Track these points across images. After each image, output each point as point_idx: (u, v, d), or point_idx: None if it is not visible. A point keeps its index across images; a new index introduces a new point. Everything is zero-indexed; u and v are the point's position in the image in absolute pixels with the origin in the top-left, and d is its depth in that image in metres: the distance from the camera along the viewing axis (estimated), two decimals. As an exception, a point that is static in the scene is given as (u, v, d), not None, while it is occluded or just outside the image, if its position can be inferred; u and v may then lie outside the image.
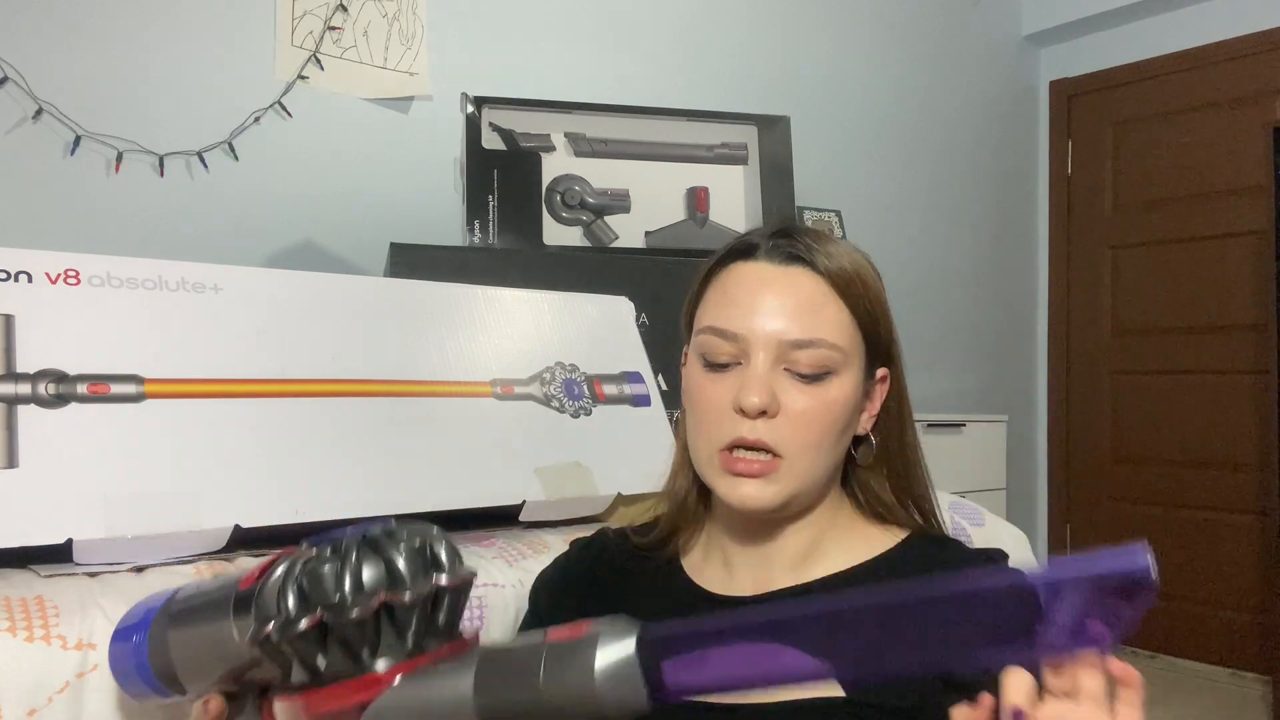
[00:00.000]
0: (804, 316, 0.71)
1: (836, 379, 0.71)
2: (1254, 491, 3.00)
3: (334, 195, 1.85)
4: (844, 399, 0.71)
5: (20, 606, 0.68)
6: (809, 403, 0.70)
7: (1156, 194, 3.28)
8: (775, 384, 0.70)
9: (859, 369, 0.73)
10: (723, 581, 0.76)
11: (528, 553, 0.94)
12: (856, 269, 0.74)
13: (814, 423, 0.70)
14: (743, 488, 0.70)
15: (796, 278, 0.72)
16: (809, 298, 0.72)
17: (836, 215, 2.67)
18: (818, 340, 0.70)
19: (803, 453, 0.70)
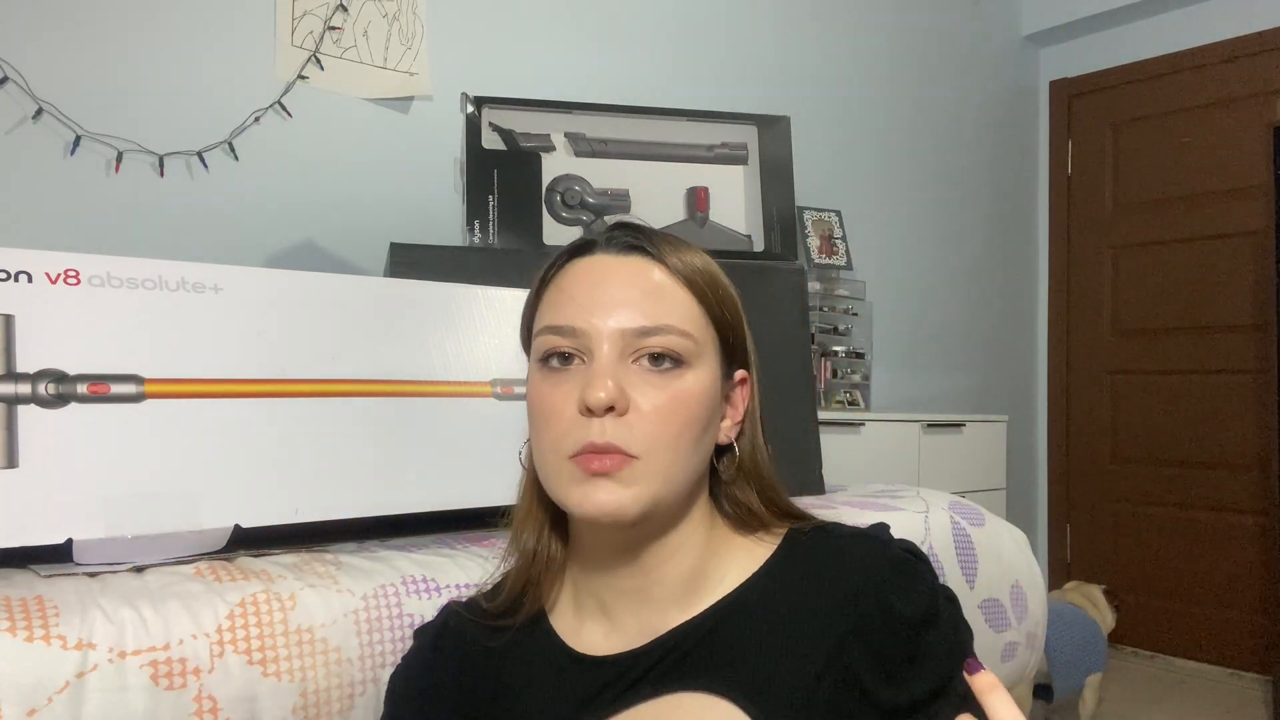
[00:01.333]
0: (647, 303, 0.65)
1: (690, 371, 0.65)
2: (1254, 491, 3.01)
3: (334, 195, 1.85)
4: (699, 392, 0.65)
5: (20, 606, 0.68)
6: (660, 396, 0.63)
7: (1156, 194, 3.29)
8: (624, 380, 0.63)
9: (714, 365, 0.67)
10: (604, 637, 0.68)
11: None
12: (704, 264, 0.69)
13: (668, 417, 0.63)
14: (598, 494, 0.62)
15: (638, 266, 0.67)
16: (654, 285, 0.66)
17: (836, 215, 2.67)
18: (665, 326, 0.64)
19: (658, 451, 0.63)
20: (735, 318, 0.70)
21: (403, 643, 0.82)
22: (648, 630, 0.66)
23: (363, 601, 0.81)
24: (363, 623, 0.80)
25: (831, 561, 0.66)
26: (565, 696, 0.66)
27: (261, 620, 0.75)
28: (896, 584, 0.63)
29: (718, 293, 0.68)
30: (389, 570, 0.85)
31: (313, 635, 0.77)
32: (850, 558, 0.65)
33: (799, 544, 0.68)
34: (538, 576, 0.70)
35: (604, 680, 0.65)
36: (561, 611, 0.71)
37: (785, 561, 0.67)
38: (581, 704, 0.65)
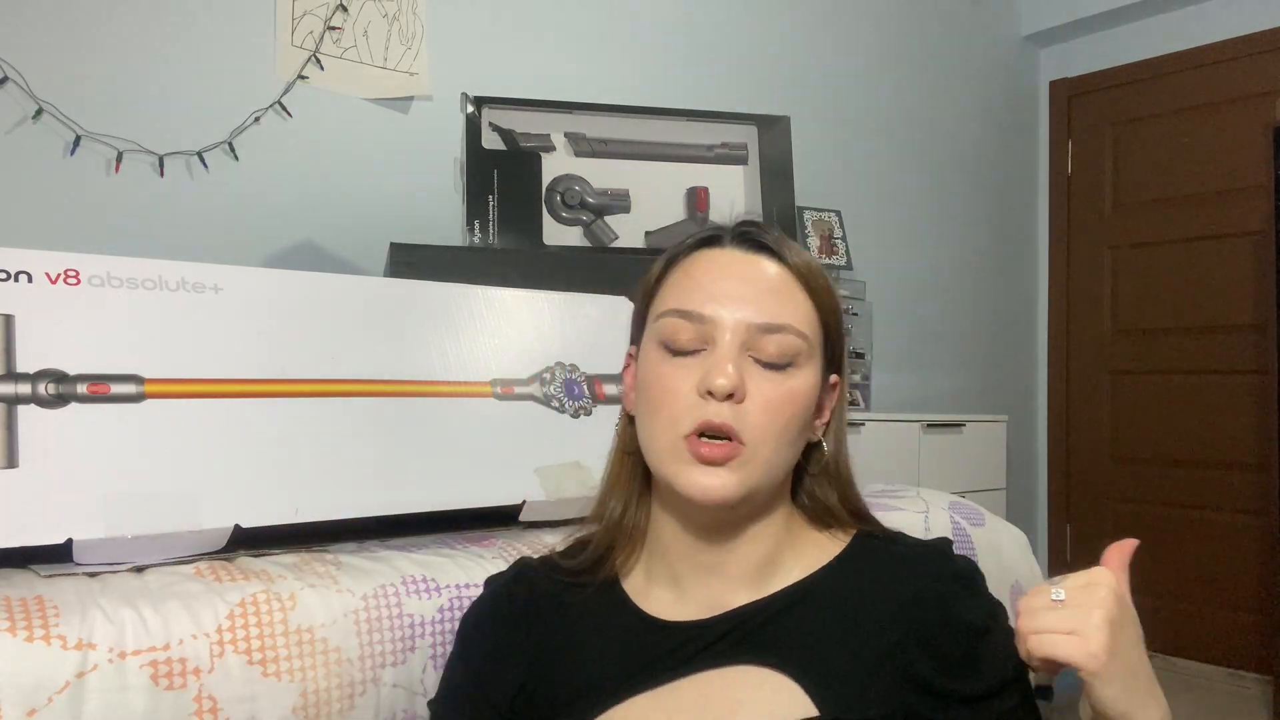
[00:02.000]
0: (771, 302, 0.69)
1: (800, 370, 0.69)
2: (1254, 491, 3.00)
3: (334, 195, 1.85)
4: (805, 391, 0.69)
5: (20, 606, 0.68)
6: (774, 391, 0.67)
7: (1156, 194, 3.28)
8: (743, 370, 0.67)
9: (819, 366, 0.71)
10: (671, 605, 0.72)
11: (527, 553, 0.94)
12: (819, 269, 0.73)
13: (779, 411, 0.67)
14: (705, 478, 0.66)
15: (764, 265, 0.71)
16: (777, 284, 0.70)
17: (836, 215, 2.67)
18: (784, 325, 0.68)
19: (765, 442, 0.67)
20: (837, 320, 0.73)
21: (403, 642, 0.82)
22: (716, 604, 0.70)
23: (363, 601, 0.81)
24: (363, 623, 0.80)
25: (898, 566, 0.70)
26: (632, 655, 0.70)
27: (261, 620, 0.75)
28: (958, 593, 0.68)
29: (830, 299, 0.72)
30: (389, 570, 0.85)
31: (313, 635, 0.77)
32: (916, 565, 0.70)
33: (868, 546, 0.73)
34: (620, 542, 0.75)
35: (671, 645, 0.69)
36: (633, 576, 0.75)
37: (855, 560, 0.72)
38: (647, 663, 0.69)
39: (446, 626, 0.84)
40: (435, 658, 0.83)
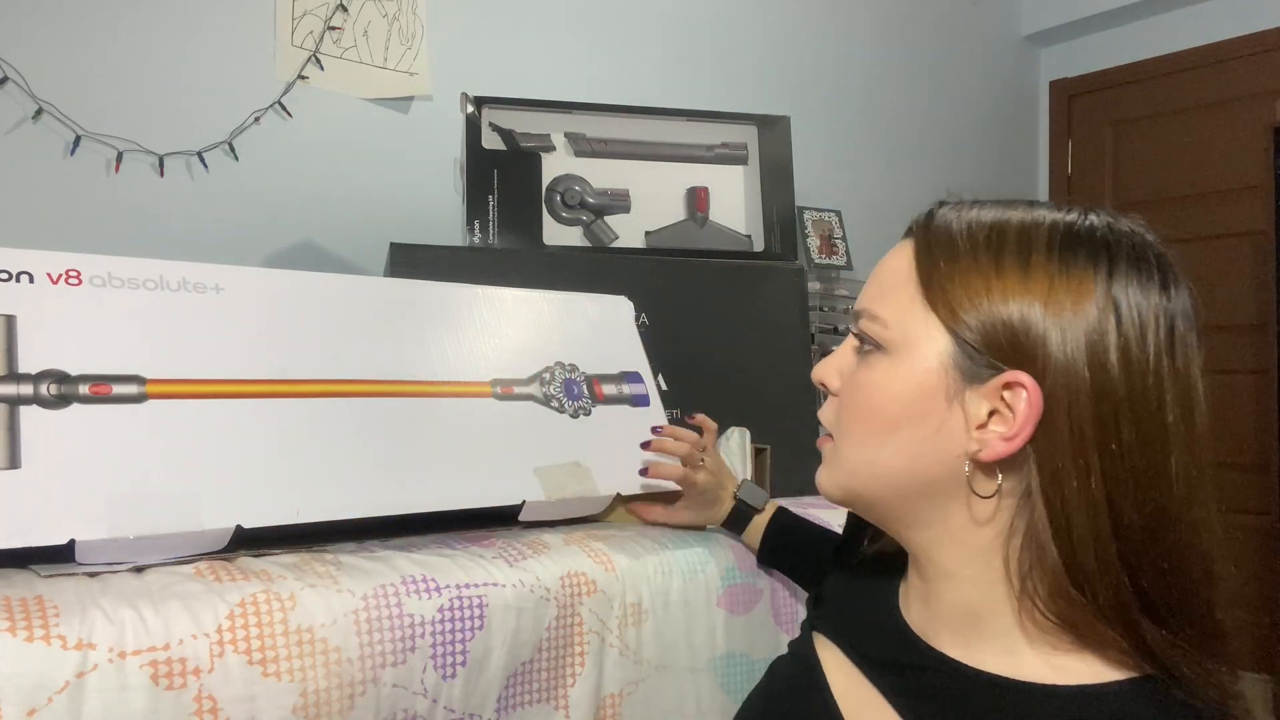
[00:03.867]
0: (873, 285, 0.63)
1: (885, 359, 0.59)
2: (1254, 491, 3.00)
3: (334, 195, 1.85)
4: (888, 383, 0.58)
5: (20, 606, 0.68)
6: (852, 378, 0.62)
7: (1156, 194, 3.29)
8: (846, 354, 0.64)
9: (930, 355, 0.57)
10: (917, 610, 0.64)
11: (527, 553, 0.94)
12: (963, 230, 0.58)
13: (849, 400, 0.61)
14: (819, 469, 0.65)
15: (896, 248, 0.64)
16: (890, 267, 0.62)
17: (836, 215, 2.67)
18: (865, 310, 0.62)
19: (843, 435, 0.61)
20: (990, 296, 0.55)
21: (403, 642, 0.82)
22: (928, 634, 0.61)
23: (363, 601, 0.81)
24: (363, 623, 0.80)
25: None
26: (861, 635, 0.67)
27: (261, 620, 0.75)
28: None
29: (955, 263, 0.57)
30: (389, 570, 0.85)
31: (313, 635, 0.77)
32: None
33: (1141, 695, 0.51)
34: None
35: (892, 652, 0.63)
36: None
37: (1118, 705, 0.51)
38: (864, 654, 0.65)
39: (446, 626, 0.84)
40: (435, 658, 0.83)
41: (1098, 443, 0.52)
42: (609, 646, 0.94)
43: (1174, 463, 0.52)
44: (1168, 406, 0.52)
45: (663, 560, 1.02)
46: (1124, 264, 0.57)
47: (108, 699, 0.67)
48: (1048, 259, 0.55)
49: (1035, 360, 0.53)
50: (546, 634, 0.91)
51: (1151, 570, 0.51)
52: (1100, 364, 0.52)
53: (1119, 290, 0.55)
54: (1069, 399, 0.52)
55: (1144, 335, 0.54)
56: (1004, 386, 0.54)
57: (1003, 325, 0.54)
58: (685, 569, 1.03)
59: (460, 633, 0.85)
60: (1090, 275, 0.55)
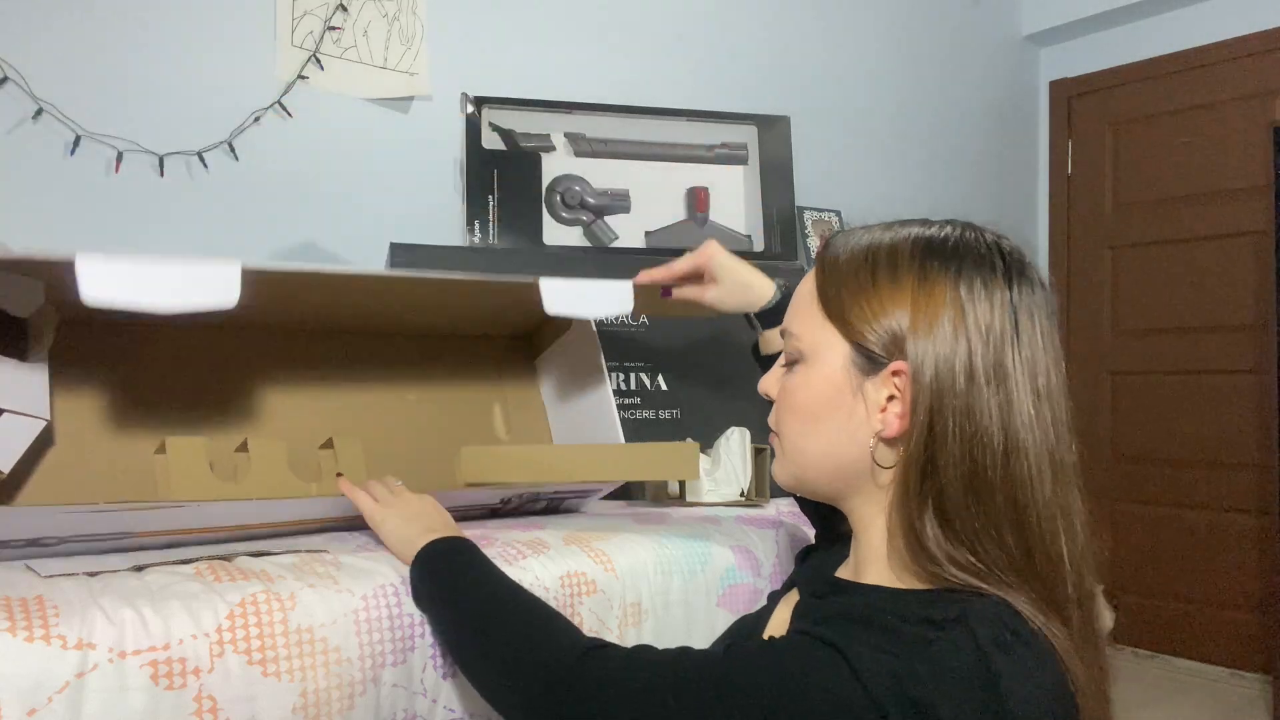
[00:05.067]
0: (791, 309, 0.78)
1: (803, 368, 0.74)
2: (1254, 491, 3.00)
3: (334, 195, 1.85)
4: (807, 388, 0.73)
5: (20, 606, 0.68)
6: (782, 389, 0.76)
7: (1156, 194, 3.29)
8: (782, 371, 0.78)
9: (834, 358, 0.71)
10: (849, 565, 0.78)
11: (527, 552, 0.94)
12: (848, 251, 0.74)
13: (783, 407, 0.76)
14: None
15: (807, 277, 0.77)
16: (801, 292, 0.77)
17: (836, 215, 2.67)
18: (785, 329, 0.77)
19: (783, 434, 0.76)
20: (867, 302, 0.69)
21: (403, 642, 0.82)
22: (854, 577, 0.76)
23: (363, 601, 0.81)
24: (363, 623, 0.80)
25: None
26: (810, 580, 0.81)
27: (261, 620, 0.75)
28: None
29: (842, 279, 0.72)
30: (389, 570, 0.86)
31: (313, 635, 0.77)
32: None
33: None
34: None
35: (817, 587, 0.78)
36: None
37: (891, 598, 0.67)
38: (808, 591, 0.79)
39: (446, 626, 0.84)
40: (435, 657, 0.83)
41: (959, 414, 0.65)
42: (609, 646, 0.94)
43: (1022, 434, 0.66)
44: (1013, 386, 0.66)
45: (663, 560, 1.02)
46: (970, 267, 0.68)
47: (108, 699, 0.67)
48: (909, 269, 0.69)
49: (909, 351, 0.67)
50: (546, 634, 0.91)
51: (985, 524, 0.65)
52: (955, 351, 0.66)
53: (964, 289, 0.67)
54: (930, 381, 0.66)
55: (989, 326, 0.66)
56: (892, 374, 0.68)
57: (883, 327, 0.68)
58: (685, 569, 1.03)
59: (460, 633, 0.85)
60: (943, 278, 0.68)
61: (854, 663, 0.58)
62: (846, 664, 0.58)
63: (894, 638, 0.59)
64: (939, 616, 0.60)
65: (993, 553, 0.64)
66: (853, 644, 0.59)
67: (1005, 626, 0.60)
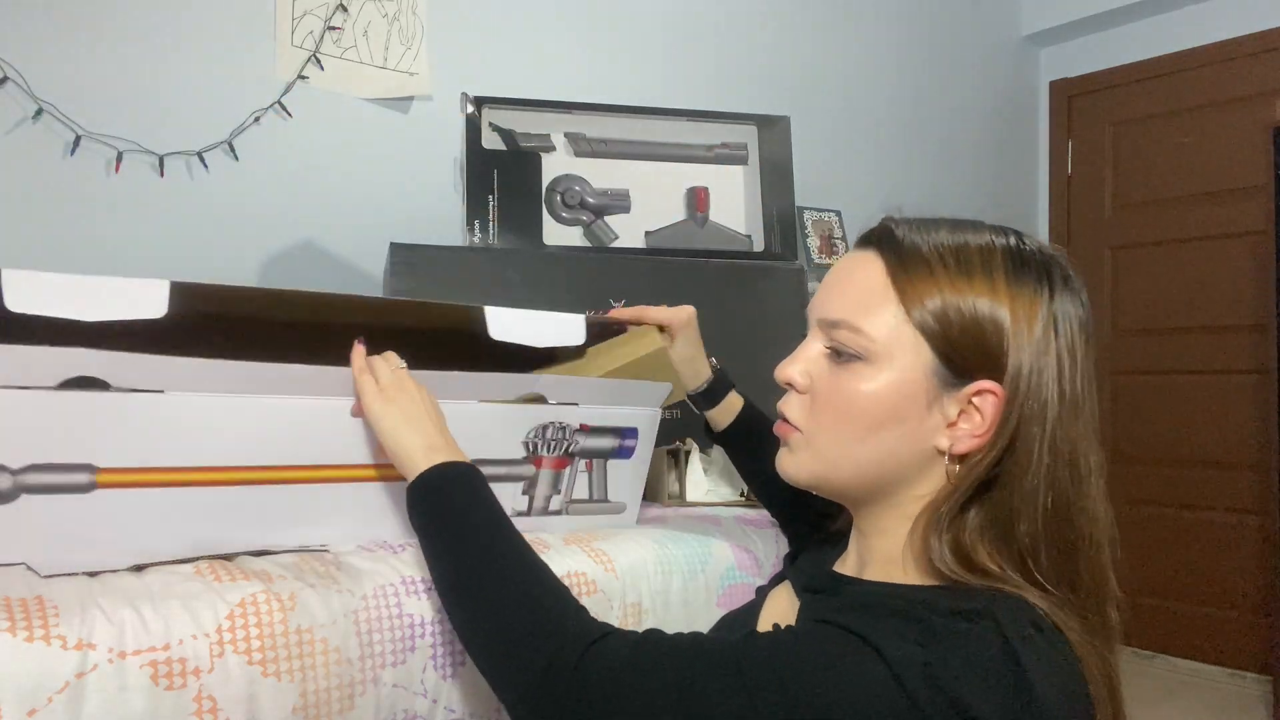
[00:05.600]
0: (843, 296, 0.69)
1: (868, 368, 0.66)
2: (1254, 491, 3.00)
3: (334, 195, 1.85)
4: (872, 391, 0.66)
5: (20, 606, 0.68)
6: (828, 384, 0.69)
7: (1156, 194, 3.29)
8: (814, 356, 0.71)
9: (913, 367, 0.66)
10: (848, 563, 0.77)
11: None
12: (934, 250, 0.67)
13: (827, 404, 0.68)
14: (778, 455, 0.74)
15: (862, 260, 0.70)
16: (859, 279, 0.69)
17: (836, 215, 2.67)
18: (843, 321, 0.68)
19: (818, 432, 0.69)
20: (966, 315, 0.64)
21: (403, 642, 0.82)
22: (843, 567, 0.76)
23: (363, 601, 0.81)
24: (363, 623, 0.80)
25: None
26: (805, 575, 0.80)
27: (261, 620, 0.75)
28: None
29: (933, 281, 0.65)
30: (389, 570, 0.85)
31: (313, 635, 0.77)
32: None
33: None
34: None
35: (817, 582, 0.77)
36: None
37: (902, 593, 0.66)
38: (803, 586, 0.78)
39: (446, 626, 0.84)
40: (435, 658, 0.83)
41: (1047, 438, 0.64)
42: (609, 646, 0.94)
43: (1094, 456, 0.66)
44: (1090, 408, 0.66)
45: (663, 560, 1.02)
46: (1058, 284, 0.67)
47: (107, 699, 0.67)
48: (1006, 280, 0.65)
49: (1002, 370, 0.64)
50: (546, 634, 0.91)
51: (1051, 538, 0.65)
52: (1048, 373, 0.64)
53: (1057, 306, 0.66)
54: (1023, 402, 0.64)
55: (1074, 344, 0.66)
56: (975, 392, 0.65)
57: (976, 340, 0.64)
58: (685, 569, 1.03)
59: (460, 633, 0.85)
60: (1038, 295, 0.66)
61: (885, 652, 0.57)
62: (877, 653, 0.57)
63: (923, 628, 0.58)
64: (967, 608, 0.60)
65: (1046, 564, 0.64)
66: (882, 634, 0.58)
67: (1028, 620, 0.60)
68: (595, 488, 1.10)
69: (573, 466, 1.07)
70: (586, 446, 1.07)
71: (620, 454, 1.10)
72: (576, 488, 1.08)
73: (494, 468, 0.99)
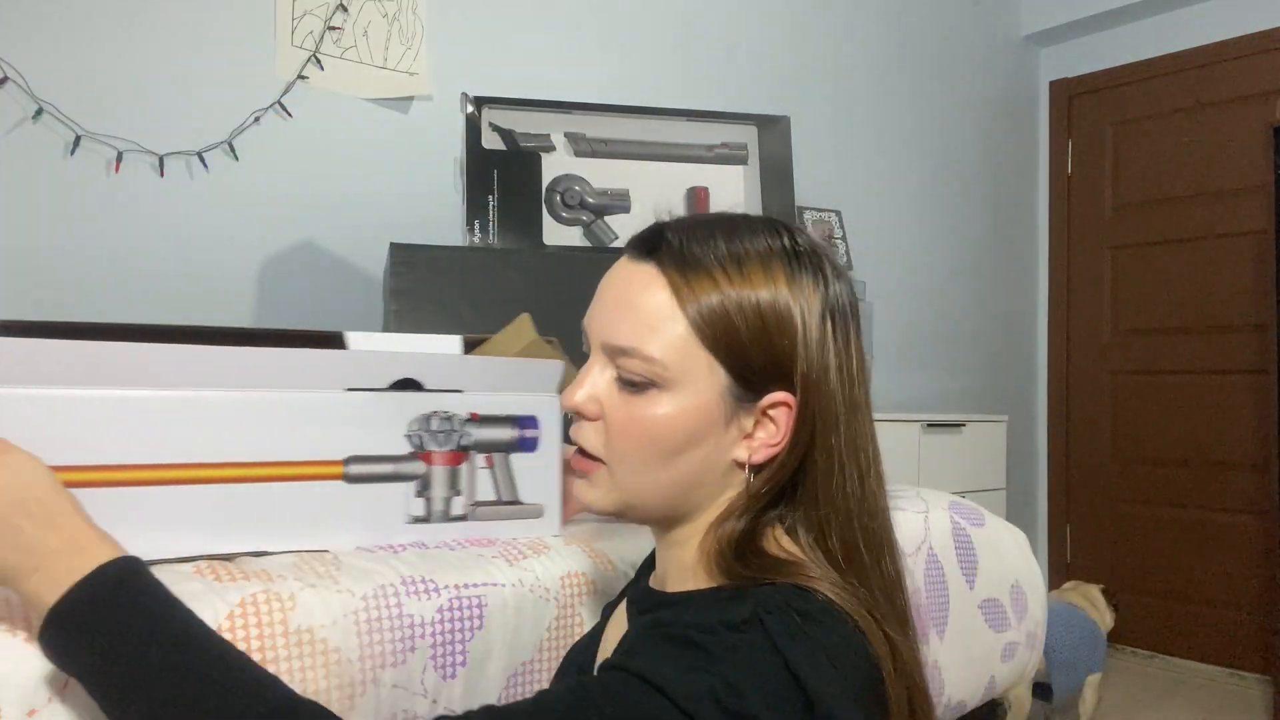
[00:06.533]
0: (628, 322, 0.64)
1: (664, 395, 0.64)
2: (1254, 491, 3.01)
3: (334, 195, 1.85)
4: (670, 418, 0.64)
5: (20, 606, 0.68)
6: (625, 414, 0.65)
7: (1156, 194, 3.29)
8: (602, 384, 0.66)
9: (707, 389, 0.64)
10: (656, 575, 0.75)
11: (528, 552, 0.94)
12: (717, 263, 0.64)
13: (630, 435, 0.65)
14: (577, 489, 0.69)
15: (643, 277, 0.65)
16: (642, 302, 0.64)
17: (836, 215, 2.67)
18: (633, 350, 0.63)
19: (621, 463, 0.66)
20: (754, 327, 0.63)
21: (403, 643, 0.82)
22: (663, 585, 0.74)
23: (363, 602, 0.81)
24: (363, 623, 0.80)
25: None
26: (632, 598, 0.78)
27: (261, 620, 0.75)
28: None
29: (720, 299, 0.63)
30: (389, 570, 0.85)
31: (313, 635, 0.77)
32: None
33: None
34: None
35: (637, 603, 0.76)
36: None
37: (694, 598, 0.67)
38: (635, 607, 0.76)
39: (446, 627, 0.84)
40: (435, 658, 0.83)
41: (840, 437, 0.66)
42: (609, 647, 0.94)
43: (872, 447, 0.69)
44: (865, 397, 0.68)
45: (663, 560, 1.01)
46: (833, 277, 0.66)
47: (107, 699, 0.67)
48: (787, 281, 0.64)
49: (790, 376, 0.64)
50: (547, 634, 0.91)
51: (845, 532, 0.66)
52: (830, 369, 0.65)
53: (833, 303, 0.65)
54: (815, 406, 0.64)
55: (848, 339, 0.66)
56: (769, 405, 0.65)
57: (766, 350, 0.63)
58: (685, 569, 1.02)
59: (460, 633, 0.85)
60: (815, 290, 0.65)
61: (670, 691, 0.55)
62: (663, 696, 0.56)
63: (698, 652, 0.57)
64: (735, 618, 0.59)
65: (841, 557, 0.65)
66: (665, 670, 0.57)
67: (794, 611, 0.59)
68: (502, 487, 0.98)
69: (470, 463, 0.95)
70: (481, 438, 0.96)
71: (523, 446, 0.98)
72: (480, 488, 0.96)
73: (377, 465, 0.91)
